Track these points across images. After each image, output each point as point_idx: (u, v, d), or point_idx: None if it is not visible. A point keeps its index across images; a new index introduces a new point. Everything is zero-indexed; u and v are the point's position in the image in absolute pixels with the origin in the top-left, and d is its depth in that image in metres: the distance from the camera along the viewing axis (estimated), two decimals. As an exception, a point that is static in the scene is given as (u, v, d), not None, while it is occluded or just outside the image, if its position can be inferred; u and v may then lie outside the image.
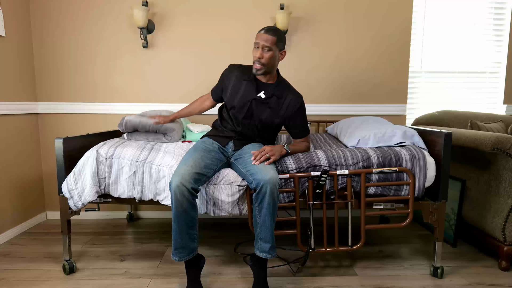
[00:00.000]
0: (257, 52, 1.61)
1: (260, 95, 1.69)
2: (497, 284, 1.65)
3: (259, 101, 1.69)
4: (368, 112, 2.59)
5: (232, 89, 1.73)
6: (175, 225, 1.46)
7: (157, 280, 1.69)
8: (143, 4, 2.40)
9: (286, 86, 1.74)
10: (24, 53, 2.37)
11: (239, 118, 1.71)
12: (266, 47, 1.59)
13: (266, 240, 1.50)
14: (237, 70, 1.75)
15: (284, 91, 1.72)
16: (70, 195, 1.66)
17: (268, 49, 1.60)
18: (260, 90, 1.70)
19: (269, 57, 1.61)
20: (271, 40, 1.59)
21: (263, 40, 1.59)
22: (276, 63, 1.66)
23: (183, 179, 1.44)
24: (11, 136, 2.25)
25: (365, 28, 2.52)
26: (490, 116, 2.51)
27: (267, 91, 1.69)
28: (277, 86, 1.71)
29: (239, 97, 1.70)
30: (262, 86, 1.71)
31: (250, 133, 1.75)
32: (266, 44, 1.59)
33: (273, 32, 1.60)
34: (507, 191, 1.75)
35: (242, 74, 1.73)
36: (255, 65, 1.63)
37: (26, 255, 1.98)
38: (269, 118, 1.71)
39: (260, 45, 1.59)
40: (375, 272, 1.77)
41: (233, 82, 1.73)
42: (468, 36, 2.70)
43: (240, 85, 1.71)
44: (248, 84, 1.70)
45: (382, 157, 1.66)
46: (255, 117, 1.71)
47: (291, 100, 1.71)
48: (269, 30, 1.61)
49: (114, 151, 1.70)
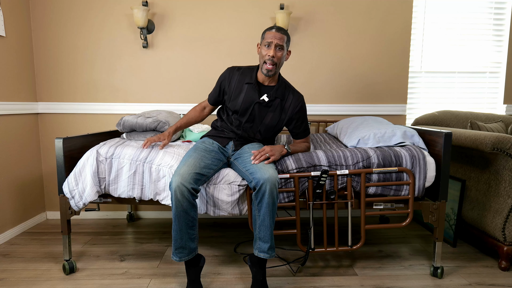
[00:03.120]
0: (269, 50, 1.58)
1: (263, 98, 1.68)
2: (497, 284, 1.65)
3: (262, 104, 1.68)
4: (368, 112, 2.59)
5: (234, 93, 1.71)
6: (175, 225, 1.46)
7: (157, 280, 1.69)
8: (143, 4, 2.40)
9: (288, 86, 1.74)
10: (24, 53, 2.37)
11: (242, 121, 1.71)
12: (279, 45, 1.58)
13: (265, 240, 1.50)
14: (237, 73, 1.73)
15: (286, 92, 1.72)
16: (71, 195, 1.67)
17: (281, 47, 1.59)
18: (262, 93, 1.69)
19: (281, 56, 1.60)
20: (284, 38, 1.59)
21: (277, 38, 1.57)
22: (283, 63, 1.65)
23: (183, 179, 1.43)
24: (11, 136, 2.25)
25: (365, 28, 2.52)
26: (490, 116, 2.51)
27: (269, 94, 1.69)
28: (279, 88, 1.70)
29: (241, 101, 1.69)
30: (264, 89, 1.70)
31: (251, 136, 1.75)
32: (280, 42, 1.57)
33: (284, 31, 1.61)
34: (507, 191, 1.75)
35: (243, 78, 1.71)
36: (267, 66, 1.60)
37: (26, 255, 1.98)
38: (272, 122, 1.71)
39: (274, 44, 1.57)
40: (375, 272, 1.77)
41: (234, 86, 1.71)
42: (468, 36, 2.70)
43: (241, 88, 1.69)
44: (250, 87, 1.69)
45: (382, 157, 1.66)
46: (257, 121, 1.70)
47: (292, 100, 1.71)
48: (280, 29, 1.61)
49: (114, 151, 1.70)
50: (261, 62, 1.64)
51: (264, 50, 1.61)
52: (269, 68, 1.60)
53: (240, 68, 1.75)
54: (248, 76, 1.70)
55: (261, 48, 1.64)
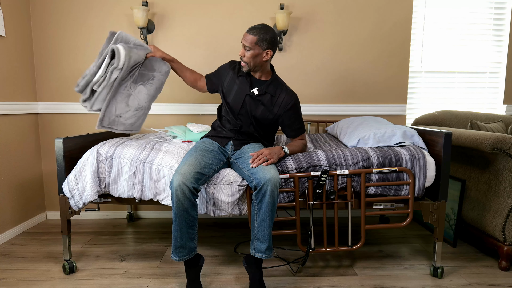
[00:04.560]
0: (241, 50, 1.68)
1: (253, 91, 1.72)
2: (497, 284, 1.65)
3: (252, 97, 1.72)
4: (368, 112, 2.59)
5: (229, 84, 1.78)
6: (176, 224, 1.46)
7: (157, 280, 1.69)
8: (143, 4, 2.40)
9: (280, 84, 1.76)
10: (24, 53, 2.37)
11: (236, 112, 1.74)
12: (246, 46, 1.64)
13: (263, 240, 1.50)
14: (236, 66, 1.81)
15: (277, 89, 1.74)
16: (71, 194, 1.67)
17: (248, 48, 1.64)
18: (253, 86, 1.74)
19: (250, 56, 1.65)
20: (251, 39, 1.63)
21: (244, 39, 1.65)
22: (261, 62, 1.69)
23: (184, 178, 1.44)
24: (11, 136, 2.25)
25: (365, 29, 2.52)
26: (490, 116, 2.51)
27: (260, 88, 1.73)
28: (271, 84, 1.74)
29: (234, 92, 1.75)
30: (255, 82, 1.75)
31: (248, 129, 1.76)
32: (246, 43, 1.64)
33: (254, 32, 1.62)
34: (507, 191, 1.75)
35: (239, 70, 1.78)
36: (242, 63, 1.71)
37: (26, 255, 1.98)
38: (262, 115, 1.73)
39: (243, 44, 1.66)
40: (375, 272, 1.77)
41: (230, 77, 1.79)
42: (468, 36, 2.70)
43: (235, 80, 1.77)
44: (242, 79, 1.75)
45: (382, 157, 1.66)
46: (248, 113, 1.73)
47: (284, 98, 1.73)
48: (252, 29, 1.64)
49: (115, 151, 1.70)
50: None
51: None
52: (242, 65, 1.71)
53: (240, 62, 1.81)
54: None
55: None
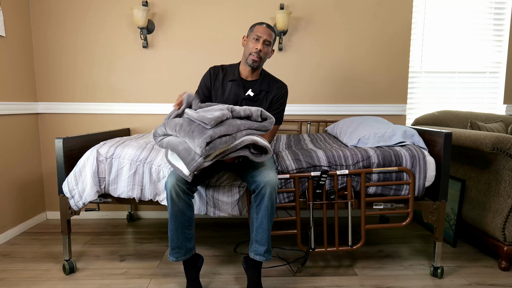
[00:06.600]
0: (257, 44, 1.62)
1: (249, 93, 1.70)
2: (497, 284, 1.65)
3: (248, 99, 1.70)
4: (368, 112, 2.59)
5: (219, 92, 1.71)
6: (171, 225, 1.46)
7: (157, 280, 1.69)
8: (143, 4, 2.40)
9: (271, 78, 1.76)
10: (24, 53, 2.37)
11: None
12: (267, 41, 1.63)
13: (262, 243, 1.48)
14: (220, 72, 1.74)
15: (270, 83, 1.74)
16: (71, 194, 1.67)
17: (268, 43, 1.64)
18: (247, 88, 1.71)
19: (267, 51, 1.65)
20: (273, 36, 1.64)
21: (266, 34, 1.62)
22: (266, 60, 1.70)
23: (178, 179, 1.43)
24: (11, 136, 2.25)
25: (365, 28, 2.52)
26: (490, 116, 2.51)
27: (254, 89, 1.71)
28: (263, 81, 1.73)
29: (228, 99, 1.70)
30: (248, 84, 1.72)
31: None
32: (268, 38, 1.62)
33: (272, 29, 1.67)
34: (507, 191, 1.74)
35: (226, 76, 1.72)
36: (253, 56, 1.63)
37: (26, 255, 1.98)
38: None
39: (263, 39, 1.62)
40: (375, 272, 1.77)
41: (219, 85, 1.72)
42: (468, 36, 2.70)
43: (226, 87, 1.71)
44: (234, 84, 1.70)
45: (382, 156, 1.66)
46: None
47: (277, 89, 1.73)
48: (270, 26, 1.66)
49: (115, 151, 1.70)
50: (247, 54, 1.66)
51: (252, 43, 1.64)
52: (254, 59, 1.63)
53: (222, 66, 1.76)
54: (231, 74, 1.72)
55: (249, 41, 1.66)
